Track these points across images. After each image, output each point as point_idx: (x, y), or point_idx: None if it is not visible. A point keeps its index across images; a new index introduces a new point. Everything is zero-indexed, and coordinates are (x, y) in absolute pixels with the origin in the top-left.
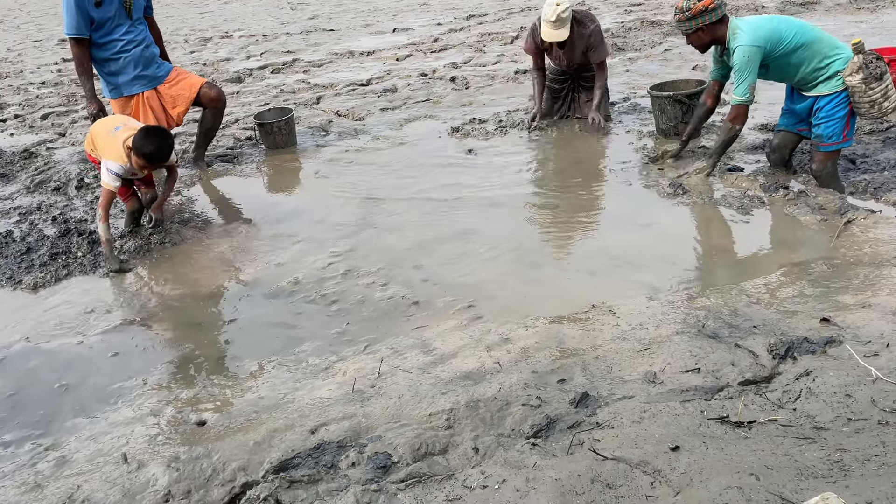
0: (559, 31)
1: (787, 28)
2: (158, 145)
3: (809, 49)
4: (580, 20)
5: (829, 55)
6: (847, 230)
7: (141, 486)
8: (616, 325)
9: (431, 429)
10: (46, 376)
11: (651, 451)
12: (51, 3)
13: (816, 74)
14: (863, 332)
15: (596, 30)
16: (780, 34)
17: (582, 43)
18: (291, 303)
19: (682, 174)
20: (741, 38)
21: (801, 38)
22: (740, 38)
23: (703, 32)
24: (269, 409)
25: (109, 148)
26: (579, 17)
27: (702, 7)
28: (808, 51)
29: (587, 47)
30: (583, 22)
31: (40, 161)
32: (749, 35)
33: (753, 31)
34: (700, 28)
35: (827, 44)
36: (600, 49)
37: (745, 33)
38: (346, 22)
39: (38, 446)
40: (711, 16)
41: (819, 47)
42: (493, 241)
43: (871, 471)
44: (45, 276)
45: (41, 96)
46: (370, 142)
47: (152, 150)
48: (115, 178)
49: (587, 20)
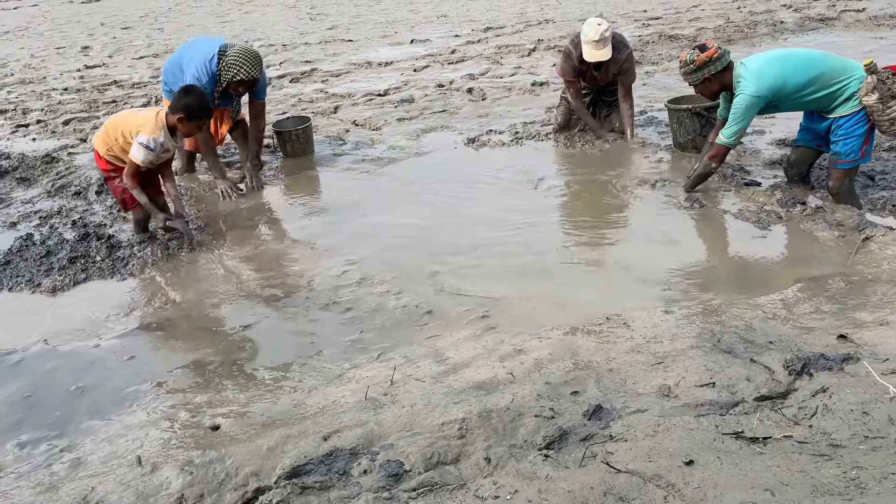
0: (602, 51)
1: (793, 67)
2: (200, 97)
3: (819, 82)
4: (615, 45)
5: (842, 79)
6: (865, 247)
7: (154, 489)
8: (630, 338)
9: (444, 438)
10: (63, 378)
11: (665, 465)
12: (74, 12)
13: (832, 99)
14: (880, 350)
15: (630, 55)
16: (784, 79)
17: (615, 67)
18: (306, 310)
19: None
20: (744, 86)
21: (808, 73)
22: (744, 86)
23: (710, 82)
24: (282, 414)
25: (141, 122)
26: (615, 42)
27: (705, 58)
28: (818, 84)
29: (620, 70)
30: (617, 47)
31: (61, 166)
32: (753, 85)
33: (758, 80)
34: (707, 78)
35: (838, 69)
36: (631, 73)
37: (749, 83)
38: (365, 32)
39: (54, 447)
40: (717, 65)
41: (830, 76)
42: (508, 252)
43: (889, 489)
44: (64, 279)
45: (63, 102)
46: (386, 151)
47: (197, 102)
48: (147, 152)
49: (622, 45)
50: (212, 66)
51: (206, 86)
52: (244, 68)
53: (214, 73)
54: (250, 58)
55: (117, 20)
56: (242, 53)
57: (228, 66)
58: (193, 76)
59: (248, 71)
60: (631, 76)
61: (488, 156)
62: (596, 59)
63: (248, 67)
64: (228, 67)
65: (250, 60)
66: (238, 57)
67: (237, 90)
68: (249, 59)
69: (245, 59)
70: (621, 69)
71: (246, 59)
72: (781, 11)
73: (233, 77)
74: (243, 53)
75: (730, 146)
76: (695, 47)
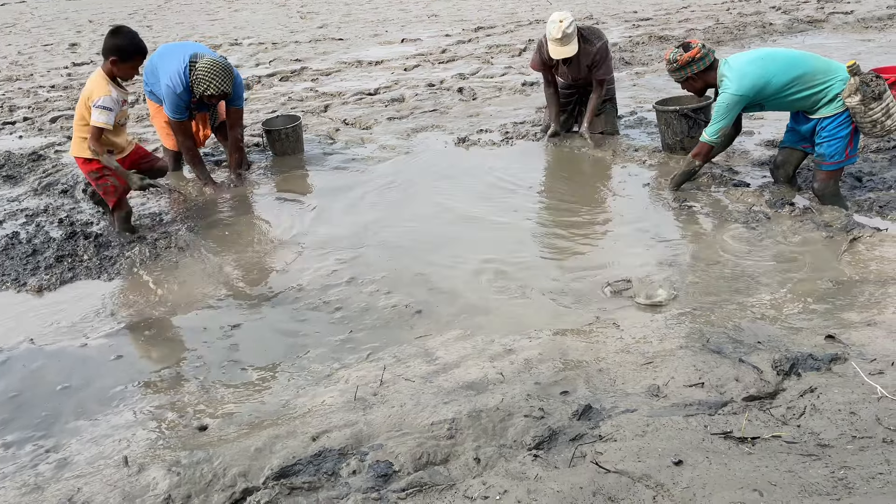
0: (566, 48)
1: (775, 67)
2: (130, 36)
3: (802, 81)
4: (587, 37)
5: (825, 81)
6: (853, 247)
7: (141, 490)
8: (620, 338)
9: (433, 438)
10: (49, 378)
11: (654, 465)
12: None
13: (816, 100)
14: (868, 350)
15: (602, 47)
16: (766, 78)
17: (587, 59)
18: (295, 309)
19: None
20: (727, 85)
21: (790, 73)
22: (726, 85)
23: (693, 80)
24: (270, 414)
25: (90, 91)
26: (586, 34)
27: (688, 58)
28: (801, 83)
29: (591, 64)
30: (589, 39)
31: (48, 164)
32: (735, 84)
33: (740, 79)
34: (690, 77)
35: (821, 70)
36: (603, 67)
37: (732, 81)
38: (355, 31)
39: (40, 448)
40: (699, 64)
41: (812, 76)
42: (498, 252)
43: (876, 489)
44: (51, 278)
45: (50, 99)
46: (377, 151)
47: (126, 42)
48: (108, 112)
49: (594, 37)
50: (185, 77)
51: (181, 95)
52: (214, 83)
53: (188, 84)
54: (219, 72)
55: (105, 17)
56: (211, 68)
57: (199, 81)
58: (168, 85)
59: (218, 86)
60: (602, 69)
61: (479, 155)
62: (560, 55)
63: (217, 82)
64: (199, 82)
65: (219, 75)
66: (207, 71)
67: (211, 101)
68: (218, 73)
69: (214, 73)
70: (593, 61)
71: (215, 73)
72: (770, 13)
73: (203, 91)
74: (212, 68)
75: (712, 144)
76: (679, 46)
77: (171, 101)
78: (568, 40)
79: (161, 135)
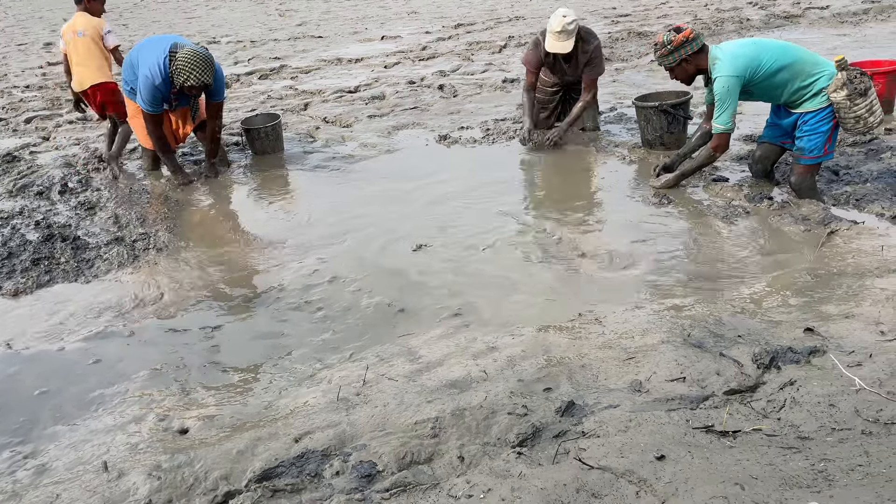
0: (564, 43)
1: (766, 52)
2: None
3: (791, 70)
4: (584, 37)
5: (812, 73)
6: (830, 241)
7: (121, 496)
8: (602, 334)
9: (417, 437)
10: (27, 383)
11: (636, 461)
12: (36, 7)
13: (801, 93)
14: (846, 342)
15: (598, 47)
16: (758, 61)
17: (584, 58)
18: (276, 310)
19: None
20: (720, 67)
21: (781, 60)
22: (720, 67)
23: (686, 63)
24: (252, 416)
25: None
26: (583, 33)
27: (682, 39)
28: (789, 72)
29: (587, 63)
30: (587, 39)
31: (23, 165)
32: (728, 65)
33: (732, 60)
34: (684, 59)
35: (809, 62)
36: (598, 67)
37: (724, 63)
38: (335, 29)
39: (17, 454)
40: (692, 46)
41: (801, 67)
42: (480, 249)
43: (856, 480)
44: (27, 281)
45: (25, 100)
46: (357, 149)
47: None
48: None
49: (591, 37)
50: (164, 67)
51: (160, 87)
52: (194, 73)
53: (168, 75)
54: (200, 62)
55: None
56: (192, 58)
57: (179, 71)
58: (146, 76)
59: (199, 76)
60: (597, 68)
61: (460, 153)
62: (555, 50)
63: (198, 73)
64: (179, 72)
65: (200, 65)
66: (188, 62)
67: (192, 92)
68: (199, 63)
69: (195, 63)
70: (589, 60)
71: (196, 63)
72: (747, 9)
73: (184, 81)
74: (193, 58)
75: (728, 131)
76: (670, 29)
77: (147, 91)
78: (567, 36)
79: (139, 135)
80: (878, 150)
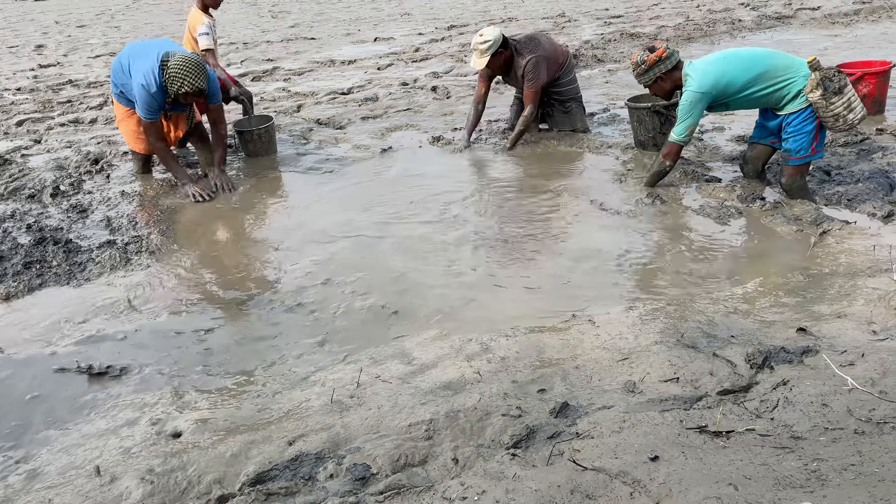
0: (478, 60)
1: (736, 67)
2: None
3: (763, 79)
4: (519, 50)
5: (786, 77)
6: (822, 241)
7: (114, 500)
8: (596, 335)
9: (411, 439)
10: (18, 387)
11: (630, 462)
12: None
13: (780, 97)
14: (839, 342)
15: (530, 61)
16: (728, 77)
17: (520, 71)
18: (270, 312)
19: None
20: (689, 83)
21: (750, 72)
22: (689, 83)
23: (662, 81)
24: (246, 420)
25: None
26: (519, 47)
27: (655, 58)
28: (762, 81)
29: (522, 76)
30: (521, 52)
31: (14, 168)
32: (696, 81)
33: (701, 77)
34: (659, 77)
35: (781, 68)
36: (533, 80)
37: (694, 79)
38: (328, 31)
39: (9, 459)
40: (666, 64)
41: (773, 74)
42: (474, 250)
43: (849, 480)
44: (18, 285)
45: (16, 102)
46: (351, 150)
47: None
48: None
49: (526, 51)
50: (158, 77)
51: (155, 95)
52: (188, 80)
53: (162, 84)
54: (192, 68)
55: (72, 18)
56: (184, 64)
57: (172, 79)
58: (142, 85)
59: (192, 82)
60: (532, 82)
61: (454, 154)
62: (472, 65)
63: (191, 79)
64: (172, 80)
65: (193, 71)
66: (180, 69)
67: (187, 99)
68: (192, 69)
69: (187, 70)
70: (524, 74)
71: (188, 70)
72: (739, 10)
73: (178, 89)
74: (185, 64)
75: (681, 143)
76: (644, 50)
77: (144, 100)
78: (479, 55)
79: (129, 139)
80: (870, 150)
